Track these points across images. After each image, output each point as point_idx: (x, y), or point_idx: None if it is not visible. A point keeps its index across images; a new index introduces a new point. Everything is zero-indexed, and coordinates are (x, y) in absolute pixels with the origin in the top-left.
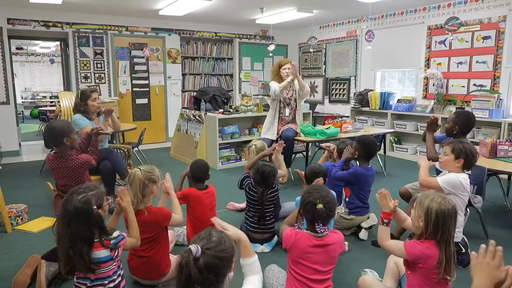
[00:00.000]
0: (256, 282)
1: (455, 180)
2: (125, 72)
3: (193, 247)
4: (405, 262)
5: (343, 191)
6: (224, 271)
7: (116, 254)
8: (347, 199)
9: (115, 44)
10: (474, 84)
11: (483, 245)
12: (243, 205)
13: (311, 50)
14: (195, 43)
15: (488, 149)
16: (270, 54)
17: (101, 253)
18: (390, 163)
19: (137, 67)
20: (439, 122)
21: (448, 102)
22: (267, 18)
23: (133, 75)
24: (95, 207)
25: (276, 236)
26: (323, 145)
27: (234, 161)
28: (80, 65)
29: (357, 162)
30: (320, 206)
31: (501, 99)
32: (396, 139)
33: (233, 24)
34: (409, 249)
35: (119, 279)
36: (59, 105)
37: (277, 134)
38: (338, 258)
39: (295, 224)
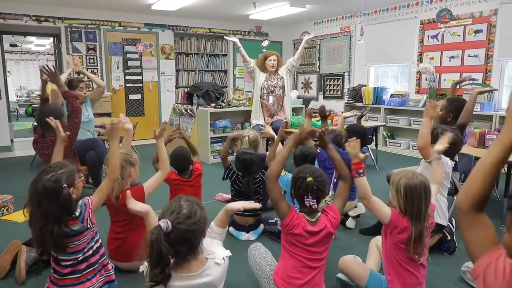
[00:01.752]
0: (219, 244)
1: (444, 159)
2: (118, 68)
3: (162, 223)
4: (383, 231)
5: (333, 175)
6: (197, 241)
7: (89, 222)
8: (335, 180)
9: (108, 39)
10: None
11: None
12: (228, 196)
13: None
14: (189, 39)
15: (477, 139)
16: (264, 50)
17: (76, 225)
18: (383, 157)
19: (130, 63)
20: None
21: (441, 96)
22: (260, 14)
23: (126, 71)
24: (65, 185)
25: (262, 224)
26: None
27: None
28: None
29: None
30: (309, 179)
31: (492, 93)
32: (389, 134)
33: (227, 20)
34: (394, 213)
35: (97, 244)
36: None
37: (265, 121)
38: None
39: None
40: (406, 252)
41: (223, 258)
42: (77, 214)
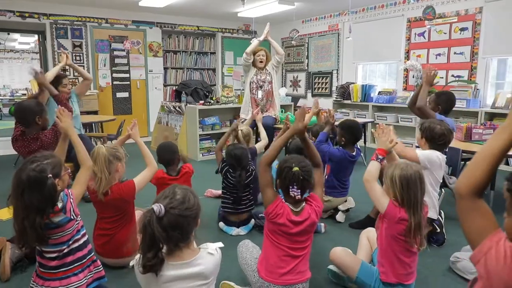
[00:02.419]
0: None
1: (432, 156)
2: (105, 65)
3: (155, 207)
4: (379, 223)
5: (325, 171)
6: (189, 228)
7: (72, 213)
8: (326, 177)
9: (94, 36)
10: (452, 75)
11: None
12: (218, 192)
13: (293, 42)
14: (177, 36)
15: (464, 133)
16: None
17: (59, 216)
18: (371, 153)
19: (117, 60)
20: (435, 80)
21: (428, 93)
22: (249, 11)
23: (113, 68)
24: (50, 175)
25: (253, 219)
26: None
27: (214, 152)
28: (58, 57)
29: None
30: (296, 169)
31: (478, 89)
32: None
33: (215, 18)
34: (392, 203)
35: (84, 239)
36: (31, 93)
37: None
38: (315, 240)
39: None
40: (404, 242)
41: (216, 249)
42: (60, 205)
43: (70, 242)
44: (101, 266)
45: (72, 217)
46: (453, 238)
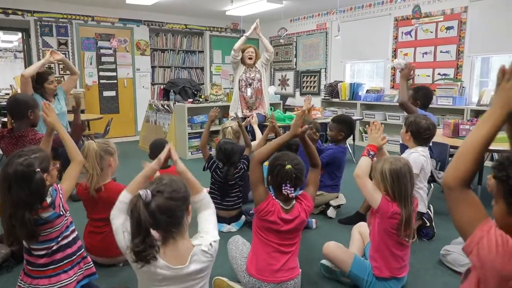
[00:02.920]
0: (207, 216)
1: (419, 160)
2: (91, 64)
3: (142, 192)
4: (371, 218)
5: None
6: (179, 212)
7: (61, 209)
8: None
9: (80, 34)
10: (439, 73)
11: (503, 66)
12: (207, 189)
13: (281, 41)
14: (164, 35)
15: (451, 129)
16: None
17: (48, 212)
18: (360, 151)
19: (104, 59)
20: (412, 73)
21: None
22: (237, 10)
23: (100, 67)
24: (38, 169)
25: (243, 216)
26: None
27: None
28: (42, 55)
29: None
30: (289, 166)
31: (463, 87)
32: (365, 129)
33: (203, 16)
34: (384, 199)
35: (73, 235)
36: (15, 90)
37: (243, 114)
38: (307, 235)
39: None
40: (395, 236)
41: (211, 244)
42: (49, 201)
43: (59, 239)
44: (91, 262)
45: (61, 213)
46: (443, 232)
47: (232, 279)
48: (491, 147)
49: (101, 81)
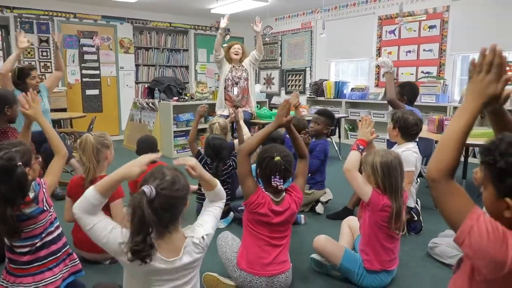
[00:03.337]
0: (212, 207)
1: (412, 157)
2: (73, 62)
3: (146, 189)
4: (361, 212)
5: None
6: (179, 209)
7: (45, 204)
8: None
9: (62, 31)
10: (422, 71)
11: (473, 59)
12: (195, 187)
13: (267, 39)
14: (148, 33)
15: (436, 125)
16: (225, 45)
17: (31, 207)
18: (345, 149)
19: (86, 56)
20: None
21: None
22: (222, 8)
23: (83, 65)
24: (20, 163)
25: (232, 212)
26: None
27: (189, 149)
28: (23, 53)
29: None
30: (277, 158)
31: (446, 85)
32: (350, 127)
33: (188, 14)
34: (375, 192)
35: (58, 231)
36: None
37: (229, 113)
38: (296, 231)
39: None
40: (386, 229)
41: (203, 237)
42: (31, 196)
43: (43, 235)
44: (77, 259)
45: (45, 208)
46: (430, 226)
47: (222, 274)
48: (472, 142)
49: (84, 79)
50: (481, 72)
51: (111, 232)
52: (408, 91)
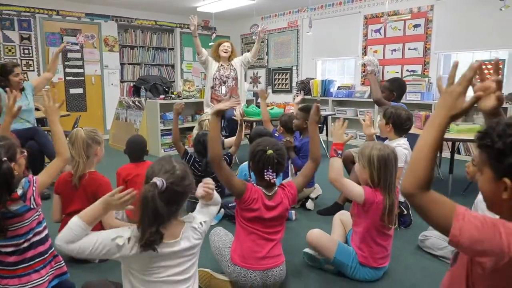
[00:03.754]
0: (205, 210)
1: (403, 153)
2: None
3: (158, 181)
4: (354, 210)
5: (291, 167)
6: (182, 203)
7: (32, 202)
8: (296, 174)
9: (44, 29)
10: (407, 70)
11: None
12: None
13: (254, 38)
14: (134, 31)
15: (422, 121)
16: (212, 43)
17: (17, 205)
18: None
19: (70, 55)
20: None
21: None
22: (208, 6)
23: (66, 63)
24: (5, 158)
25: (223, 209)
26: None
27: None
28: (4, 51)
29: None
30: (270, 152)
31: (431, 83)
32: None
33: (174, 12)
34: (368, 194)
35: (45, 232)
36: None
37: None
38: (287, 227)
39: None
40: (382, 226)
41: (201, 223)
42: (19, 192)
43: (30, 235)
44: (63, 261)
45: (32, 206)
46: (418, 220)
47: (215, 270)
48: (458, 137)
49: (68, 78)
50: (453, 84)
51: (97, 240)
52: (398, 87)
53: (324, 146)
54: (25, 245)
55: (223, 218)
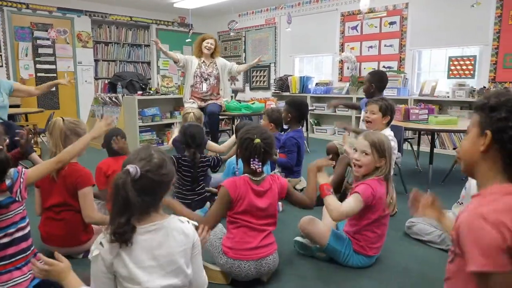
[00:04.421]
0: None
1: (390, 143)
2: (26, 55)
3: (131, 168)
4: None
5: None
6: (161, 194)
7: (19, 195)
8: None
9: (13, 22)
10: (383, 66)
11: None
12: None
13: (231, 34)
14: (108, 27)
15: (402, 114)
16: (189, 40)
17: (3, 195)
18: (312, 142)
19: (41, 50)
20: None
21: (362, 83)
22: (185, 2)
23: (37, 59)
24: (1, 147)
25: (208, 202)
26: None
27: (155, 144)
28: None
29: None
30: (257, 140)
31: (406, 79)
32: (315, 121)
33: (149, 8)
34: (365, 196)
35: (29, 228)
36: None
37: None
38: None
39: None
40: (383, 218)
41: (188, 221)
42: (7, 182)
43: (12, 230)
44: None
45: (17, 199)
46: (403, 208)
47: (206, 261)
48: (437, 128)
49: (39, 74)
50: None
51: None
52: (377, 79)
53: (305, 142)
54: (6, 240)
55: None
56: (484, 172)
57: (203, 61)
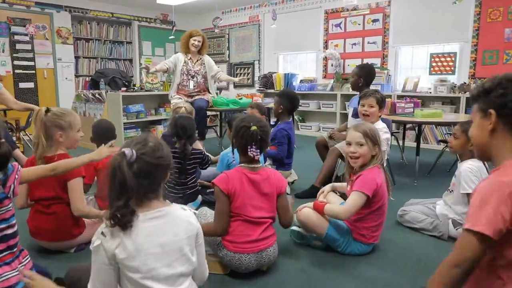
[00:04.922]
0: None
1: (385, 136)
2: (3, 51)
3: (127, 151)
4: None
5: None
6: (159, 179)
7: (11, 191)
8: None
9: None
10: (367, 63)
11: None
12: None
13: (216, 31)
14: (88, 23)
15: (389, 108)
16: (172, 37)
17: None
18: (298, 139)
19: (19, 46)
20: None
21: (346, 80)
22: None
23: (15, 55)
24: (3, 140)
25: (200, 195)
26: None
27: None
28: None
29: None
30: (254, 128)
31: (390, 75)
32: (300, 118)
33: (131, 5)
34: (368, 189)
35: (16, 226)
36: None
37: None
38: None
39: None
40: (384, 205)
41: (189, 210)
42: (1, 177)
43: (4, 226)
44: (28, 256)
45: (9, 195)
46: (393, 197)
47: (206, 251)
48: (424, 120)
49: (16, 71)
50: None
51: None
52: (365, 73)
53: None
54: None
55: (201, 204)
56: (497, 151)
57: (190, 57)
